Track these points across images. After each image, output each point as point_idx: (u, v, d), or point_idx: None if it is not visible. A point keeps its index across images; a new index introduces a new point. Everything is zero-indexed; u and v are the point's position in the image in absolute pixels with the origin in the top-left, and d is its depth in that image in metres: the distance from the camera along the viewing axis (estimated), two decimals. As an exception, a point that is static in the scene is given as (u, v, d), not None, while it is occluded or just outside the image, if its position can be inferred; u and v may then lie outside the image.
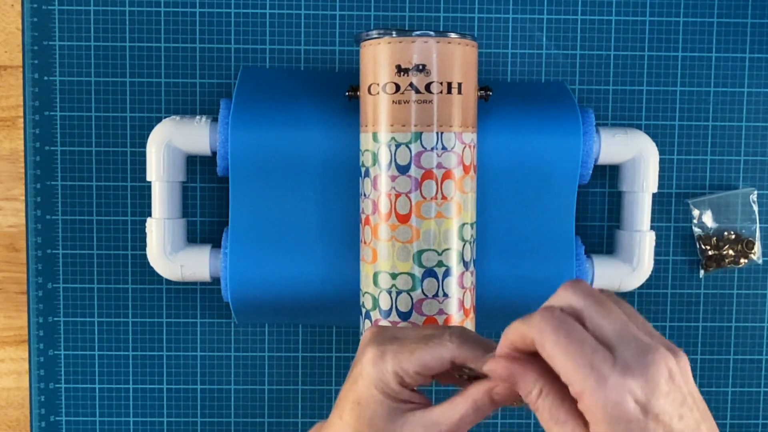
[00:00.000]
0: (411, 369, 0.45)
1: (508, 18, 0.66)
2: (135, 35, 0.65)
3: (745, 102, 0.67)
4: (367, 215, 0.56)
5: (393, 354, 0.45)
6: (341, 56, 0.65)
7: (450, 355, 0.45)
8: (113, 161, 0.65)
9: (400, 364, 0.45)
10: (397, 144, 0.54)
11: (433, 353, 0.45)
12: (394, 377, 0.45)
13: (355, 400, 0.46)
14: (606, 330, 0.39)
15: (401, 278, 0.55)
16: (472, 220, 0.56)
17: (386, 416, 0.46)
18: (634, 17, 0.66)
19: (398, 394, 0.45)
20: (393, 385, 0.45)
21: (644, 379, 0.38)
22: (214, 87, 0.65)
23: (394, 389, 0.45)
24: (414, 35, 0.53)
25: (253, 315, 0.63)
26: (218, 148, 0.60)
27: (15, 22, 0.66)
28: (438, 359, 0.45)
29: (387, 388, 0.45)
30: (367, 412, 0.46)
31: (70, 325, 0.67)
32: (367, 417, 0.46)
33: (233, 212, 0.60)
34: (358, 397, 0.46)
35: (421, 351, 0.45)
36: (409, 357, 0.45)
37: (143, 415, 0.68)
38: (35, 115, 0.65)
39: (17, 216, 0.67)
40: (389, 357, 0.45)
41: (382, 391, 0.45)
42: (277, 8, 0.65)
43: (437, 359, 0.45)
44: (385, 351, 0.45)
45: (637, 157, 0.62)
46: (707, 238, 0.67)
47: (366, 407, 0.46)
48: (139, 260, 0.66)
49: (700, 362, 0.69)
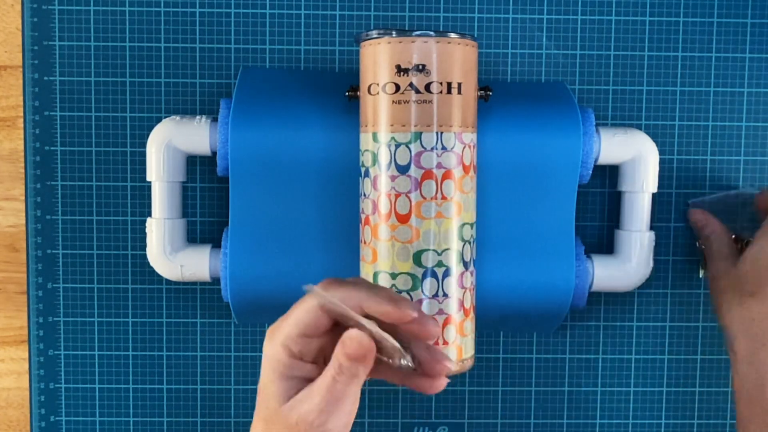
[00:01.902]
0: (293, 332, 0.46)
1: (508, 18, 0.66)
2: (135, 35, 0.65)
3: (745, 102, 0.67)
4: (366, 215, 0.56)
5: (277, 327, 0.47)
6: (341, 56, 0.65)
7: (316, 302, 0.46)
8: (113, 161, 0.65)
9: (283, 333, 0.47)
10: (397, 144, 0.54)
11: (302, 307, 0.47)
12: (283, 350, 0.46)
13: (258, 389, 0.48)
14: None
15: (401, 278, 0.55)
16: (472, 220, 0.56)
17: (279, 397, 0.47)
18: (634, 17, 0.66)
19: (290, 370, 0.46)
20: (284, 359, 0.46)
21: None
22: (214, 87, 0.65)
23: (285, 363, 0.46)
24: (414, 35, 0.53)
25: (253, 315, 0.63)
26: (218, 148, 0.60)
27: (15, 22, 0.66)
28: (308, 311, 0.46)
29: (279, 365, 0.46)
30: (264, 396, 0.47)
31: (70, 325, 0.67)
32: (264, 401, 0.47)
33: (233, 212, 0.60)
34: (260, 385, 0.48)
35: (294, 311, 0.47)
36: (287, 321, 0.47)
37: (143, 415, 0.68)
38: (35, 115, 0.65)
39: (17, 216, 0.67)
40: (275, 332, 0.47)
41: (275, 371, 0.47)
42: (277, 8, 0.65)
43: (307, 311, 0.46)
44: (273, 329, 0.47)
45: (637, 157, 0.62)
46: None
47: (263, 392, 0.48)
48: (139, 260, 0.66)
49: (700, 362, 0.69)
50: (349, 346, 0.45)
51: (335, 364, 0.45)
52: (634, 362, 0.69)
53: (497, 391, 0.69)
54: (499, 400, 0.69)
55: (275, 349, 0.47)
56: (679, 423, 0.69)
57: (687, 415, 0.69)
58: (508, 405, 0.69)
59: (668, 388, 0.69)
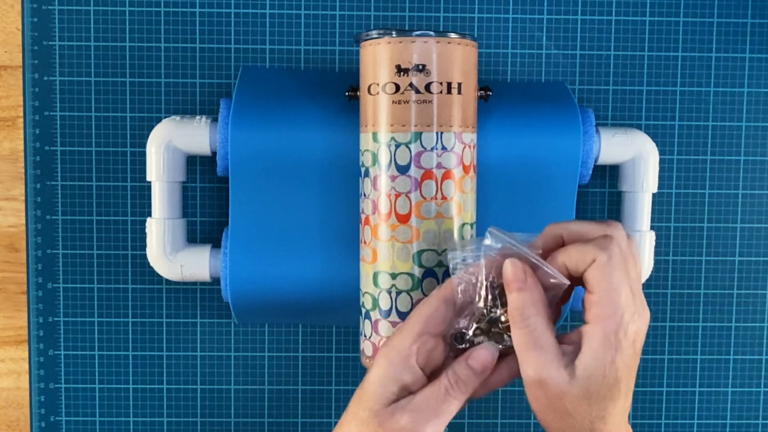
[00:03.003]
0: (414, 329, 0.48)
1: (508, 18, 0.66)
2: (135, 35, 0.65)
3: (745, 102, 0.67)
4: (366, 215, 0.56)
5: (397, 332, 0.49)
6: (341, 56, 0.65)
7: (440, 295, 0.49)
8: (113, 161, 0.65)
9: (402, 334, 0.48)
10: (397, 144, 0.54)
11: (425, 304, 0.49)
12: (401, 351, 0.48)
13: (360, 386, 0.49)
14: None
15: (401, 278, 0.55)
16: (472, 220, 0.56)
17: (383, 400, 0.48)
18: (634, 17, 0.66)
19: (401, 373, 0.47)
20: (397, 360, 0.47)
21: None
22: (214, 87, 0.65)
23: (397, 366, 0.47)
24: (414, 35, 0.53)
25: (253, 315, 0.63)
26: (218, 148, 0.60)
27: (15, 22, 0.66)
28: (430, 305, 0.49)
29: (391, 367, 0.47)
30: (365, 395, 0.48)
31: (70, 325, 0.67)
32: (364, 400, 0.48)
33: (233, 212, 0.60)
34: (364, 384, 0.48)
35: (415, 311, 0.49)
36: (408, 322, 0.49)
37: (143, 415, 0.68)
38: (35, 115, 0.65)
39: (17, 216, 0.67)
40: (394, 337, 0.49)
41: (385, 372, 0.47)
42: (277, 8, 0.65)
43: (429, 305, 0.49)
44: (391, 336, 0.49)
45: (637, 157, 0.62)
46: None
47: (366, 391, 0.48)
48: (139, 260, 0.66)
49: (700, 362, 0.69)
50: (475, 358, 0.47)
51: (451, 376, 0.47)
52: (634, 362, 0.69)
53: (497, 391, 0.69)
54: (499, 400, 0.69)
55: (391, 351, 0.48)
56: (679, 423, 0.69)
57: (687, 415, 0.69)
58: (508, 405, 0.69)
59: (668, 388, 0.69)
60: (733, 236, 0.68)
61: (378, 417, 0.47)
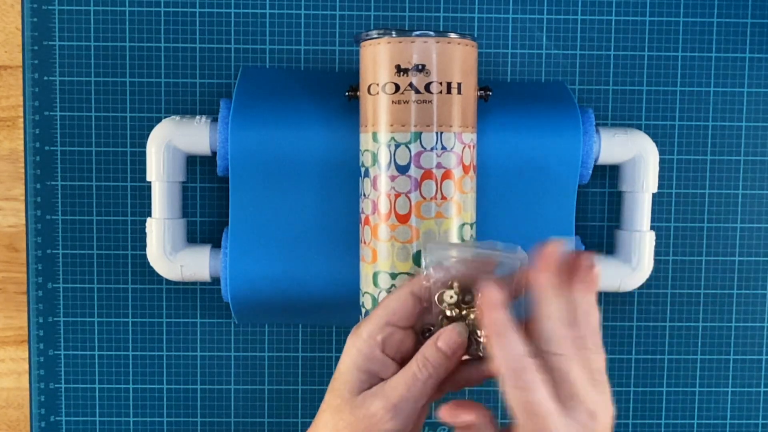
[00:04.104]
0: (381, 319, 0.48)
1: (508, 18, 0.66)
2: (135, 35, 0.65)
3: (745, 102, 0.67)
4: (366, 215, 0.56)
5: (365, 320, 0.49)
6: (341, 56, 0.65)
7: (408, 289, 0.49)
8: (113, 161, 0.65)
9: (370, 322, 0.48)
10: (397, 144, 0.54)
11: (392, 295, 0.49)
12: (366, 341, 0.48)
13: (333, 377, 0.49)
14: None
15: (401, 278, 0.55)
16: (472, 220, 0.56)
17: (353, 387, 0.48)
18: (634, 17, 0.66)
19: (370, 362, 0.48)
20: (365, 349, 0.48)
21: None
22: (214, 87, 0.65)
23: (366, 355, 0.48)
24: (414, 35, 0.53)
25: (253, 315, 0.63)
26: (218, 148, 0.60)
27: (15, 22, 0.66)
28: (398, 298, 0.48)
29: (360, 355, 0.48)
30: (337, 385, 0.48)
31: (70, 325, 0.67)
32: (337, 389, 0.48)
33: (233, 212, 0.60)
34: (336, 374, 0.49)
35: (383, 300, 0.49)
36: (376, 310, 0.49)
37: (143, 415, 0.68)
38: (35, 115, 0.65)
39: (17, 216, 0.67)
40: (362, 324, 0.49)
41: (354, 361, 0.48)
42: (277, 8, 0.65)
43: (397, 298, 0.48)
44: (359, 323, 0.49)
45: (637, 157, 0.62)
46: None
47: (338, 380, 0.49)
48: (139, 260, 0.66)
49: (700, 362, 0.69)
50: (444, 340, 0.47)
51: (420, 359, 0.47)
52: (634, 362, 0.69)
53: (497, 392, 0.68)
54: (499, 400, 0.69)
55: (358, 340, 0.48)
56: (678, 423, 0.69)
57: (687, 415, 0.69)
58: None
59: (668, 388, 0.69)
60: (733, 236, 0.68)
61: (349, 404, 0.47)
